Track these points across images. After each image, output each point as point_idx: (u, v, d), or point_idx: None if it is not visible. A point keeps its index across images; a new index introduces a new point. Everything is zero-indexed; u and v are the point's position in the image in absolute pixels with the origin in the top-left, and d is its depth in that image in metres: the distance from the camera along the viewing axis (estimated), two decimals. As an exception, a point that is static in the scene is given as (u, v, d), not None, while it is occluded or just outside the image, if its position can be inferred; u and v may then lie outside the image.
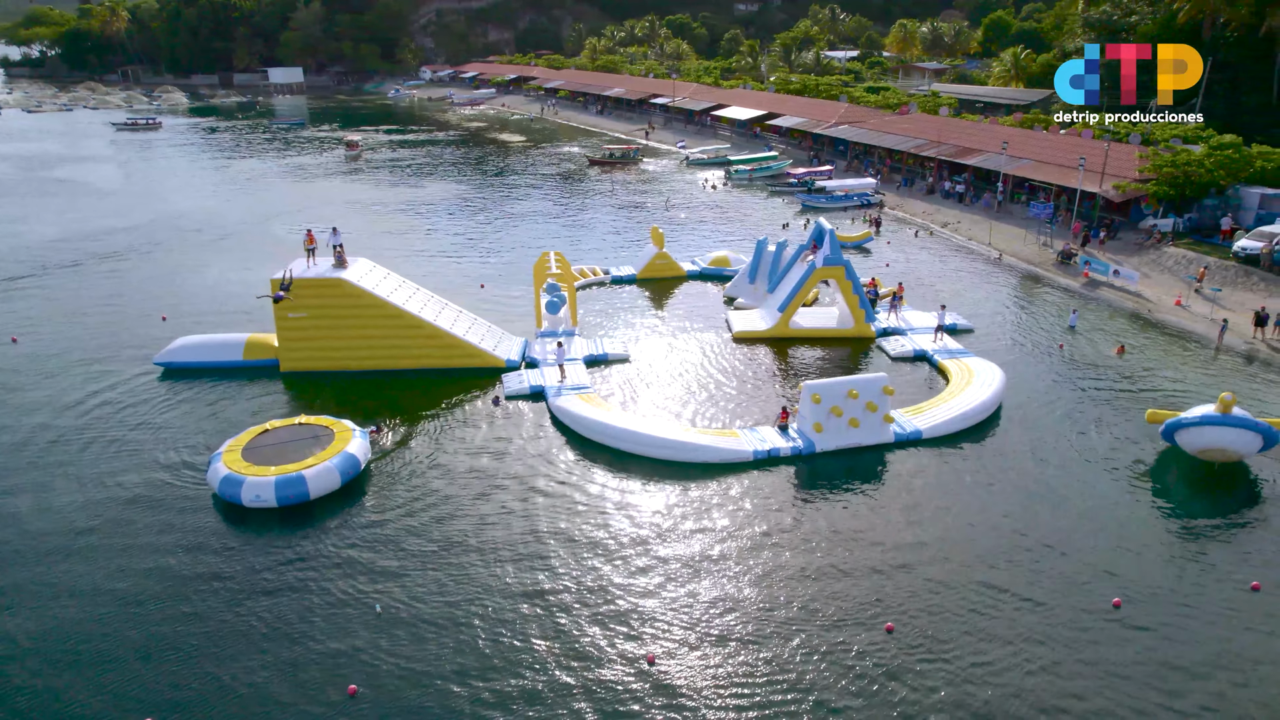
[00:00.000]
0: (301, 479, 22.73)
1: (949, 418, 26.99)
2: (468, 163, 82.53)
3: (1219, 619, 18.38)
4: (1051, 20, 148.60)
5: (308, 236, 32.01)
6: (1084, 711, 15.85)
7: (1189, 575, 19.95)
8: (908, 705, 16.04)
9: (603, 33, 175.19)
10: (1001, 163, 55.72)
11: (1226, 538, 21.60)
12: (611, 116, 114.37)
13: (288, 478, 22.66)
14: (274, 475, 22.66)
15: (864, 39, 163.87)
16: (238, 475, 22.70)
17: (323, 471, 23.04)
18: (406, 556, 20.67)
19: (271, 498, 22.42)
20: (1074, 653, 17.35)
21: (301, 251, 32.72)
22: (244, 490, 22.41)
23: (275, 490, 22.45)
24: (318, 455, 23.59)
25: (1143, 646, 17.52)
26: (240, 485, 22.48)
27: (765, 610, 18.74)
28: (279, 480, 22.57)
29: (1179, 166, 46.47)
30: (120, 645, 17.66)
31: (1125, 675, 16.71)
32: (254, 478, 22.59)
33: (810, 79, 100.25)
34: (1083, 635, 17.84)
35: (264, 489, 22.42)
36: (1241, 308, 36.86)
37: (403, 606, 18.83)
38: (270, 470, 22.88)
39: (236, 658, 17.29)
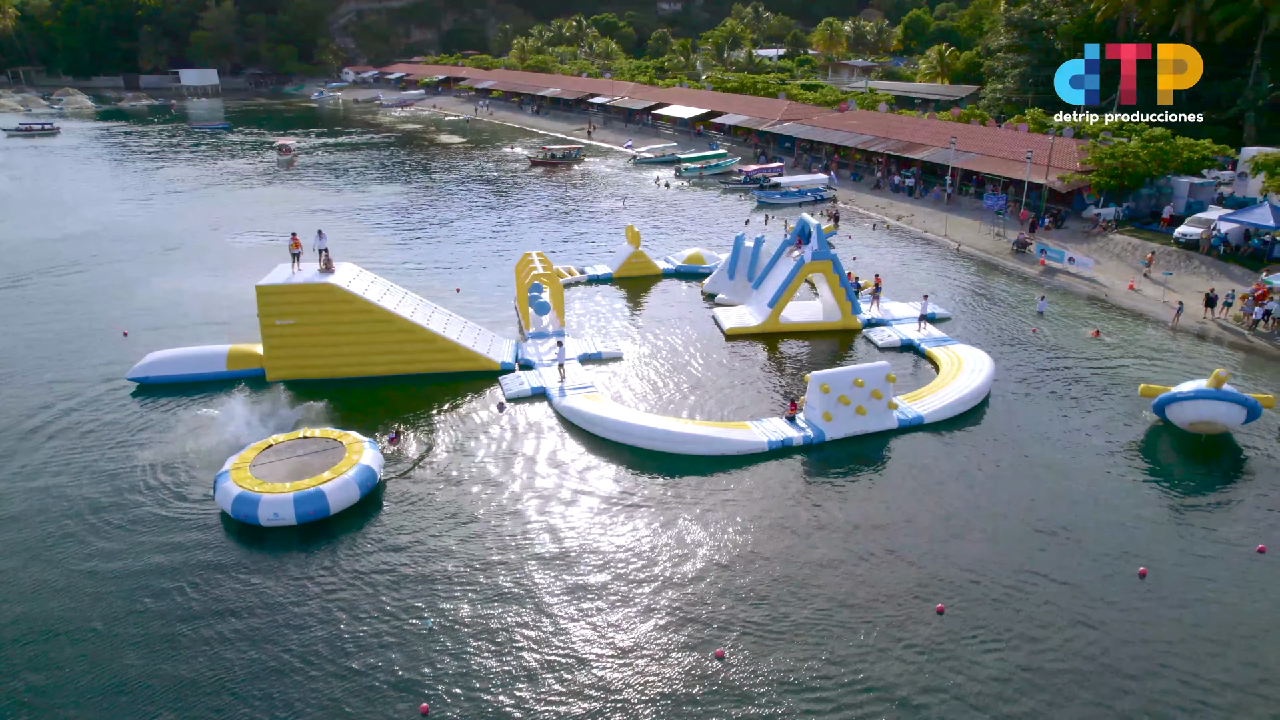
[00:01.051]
0: (321, 494, 21.92)
1: (948, 403, 27.92)
2: (411, 165, 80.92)
3: (1237, 583, 19.59)
4: (966, 20, 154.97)
5: (292, 240, 30.94)
6: (1147, 690, 16.72)
7: (1199, 544, 21.16)
8: (986, 697, 16.55)
9: (530, 32, 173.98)
10: (949, 156, 57.76)
11: (1226, 505, 23.00)
12: (549, 116, 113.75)
13: (307, 493, 21.81)
14: (291, 492, 21.79)
15: (789, 37, 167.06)
16: (251, 493, 21.71)
17: (342, 485, 22.28)
18: (441, 570, 20.11)
19: (290, 515, 21.54)
20: (1119, 631, 18.20)
21: (286, 256, 31.62)
22: (260, 509, 21.45)
23: (294, 507, 21.56)
24: (334, 469, 22.82)
25: (1174, 617, 18.56)
26: (255, 504, 21.51)
27: (811, 598, 19.07)
28: (298, 497, 21.69)
29: (1118, 158, 49.10)
30: (157, 695, 16.60)
31: (1166, 650, 17.69)
32: (270, 495, 21.63)
33: (748, 77, 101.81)
34: (1127, 615, 18.72)
35: (282, 507, 21.53)
36: (1189, 290, 39.20)
37: (452, 621, 18.42)
38: (285, 487, 22.02)
39: (294, 689, 16.58)
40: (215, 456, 24.91)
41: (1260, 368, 32.08)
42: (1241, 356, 33.30)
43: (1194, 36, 70.91)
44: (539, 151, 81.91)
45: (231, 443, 25.46)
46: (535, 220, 57.26)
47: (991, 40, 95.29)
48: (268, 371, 30.31)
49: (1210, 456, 25.43)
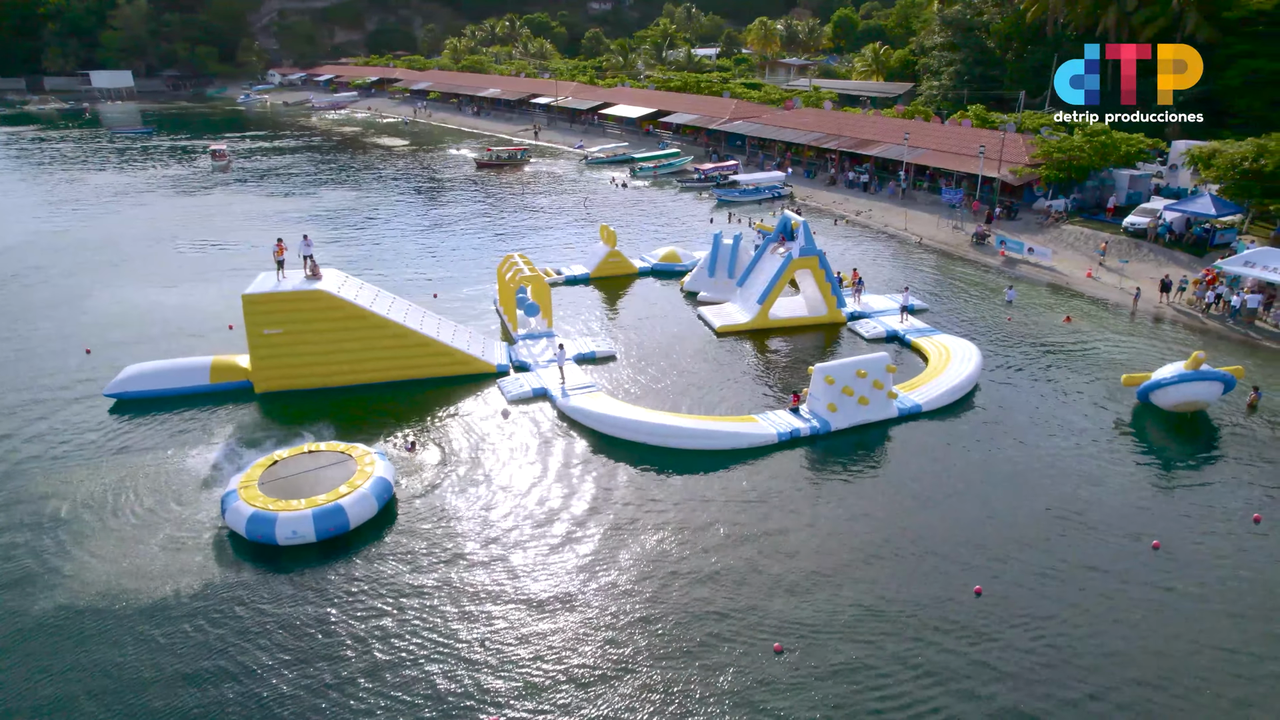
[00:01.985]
0: (340, 509, 21.21)
1: (942, 391, 28.79)
2: (357, 169, 78.99)
3: (1245, 554, 20.81)
4: (894, 19, 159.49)
5: (278, 247, 29.92)
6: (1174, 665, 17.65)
7: (1202, 519, 22.35)
8: (1051, 684, 17.19)
9: (463, 33, 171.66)
10: (903, 152, 59.41)
11: (1217, 479, 24.32)
12: (490, 117, 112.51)
13: (326, 509, 21.08)
14: (309, 508, 21.03)
15: (723, 36, 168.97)
16: (267, 512, 20.84)
17: (360, 499, 21.63)
18: (471, 581, 19.75)
19: (310, 532, 20.80)
20: (1152, 613, 19.15)
21: (271, 264, 30.57)
22: (278, 528, 20.63)
23: (314, 524, 20.82)
24: (349, 482, 22.16)
25: (1196, 593, 19.63)
26: (273, 523, 20.68)
27: (854, 584, 19.49)
28: (317, 513, 20.95)
29: (1065, 151, 51.33)
30: None
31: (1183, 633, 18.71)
32: (287, 513, 20.82)
33: (691, 76, 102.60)
34: (1148, 593, 19.71)
35: (301, 524, 20.77)
36: (1142, 276, 41.29)
37: (490, 632, 18.19)
38: (302, 503, 21.25)
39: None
40: (211, 474, 24.03)
41: (1215, 347, 33.97)
42: (1198, 338, 35.23)
43: (1117, 37, 74.82)
44: (484, 153, 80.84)
45: (227, 459, 24.61)
46: (498, 223, 56.62)
47: (926, 39, 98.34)
48: (256, 383, 29.30)
49: (1193, 434, 26.82)
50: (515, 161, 79.06)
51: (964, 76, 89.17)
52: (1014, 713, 15.80)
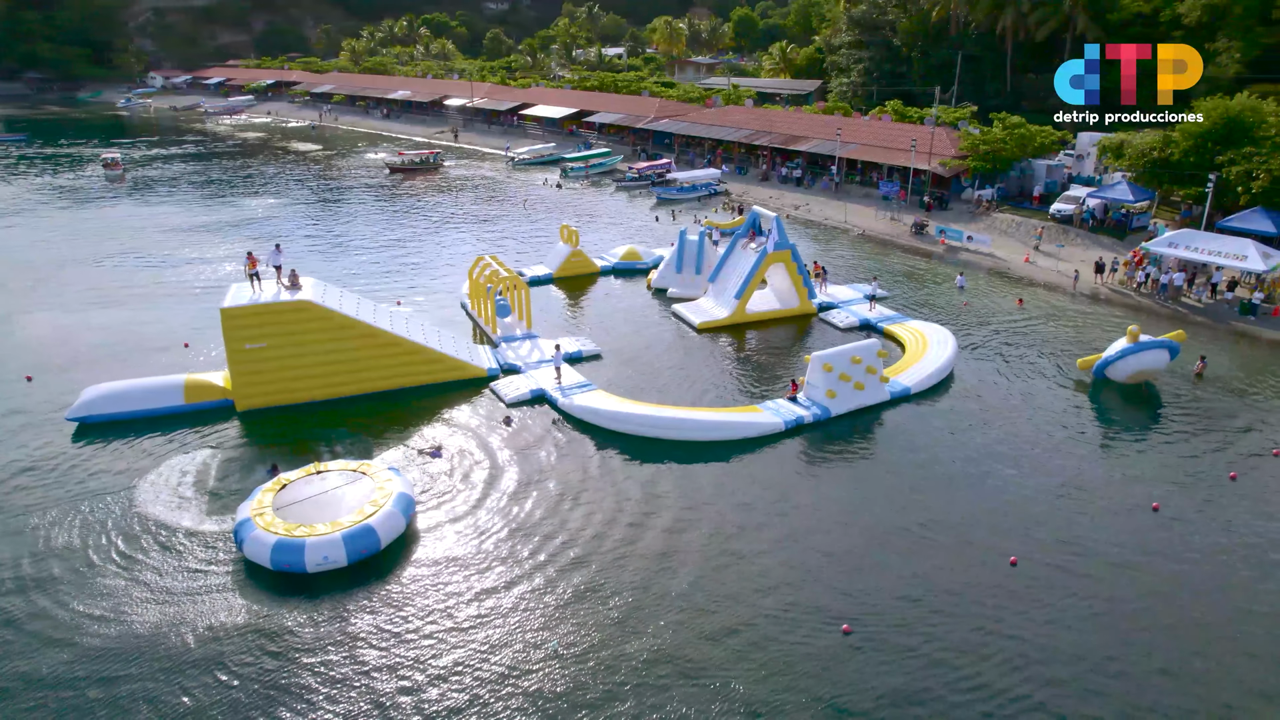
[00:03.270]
0: (371, 530, 20.33)
1: (927, 374, 30.10)
2: (273, 175, 75.58)
3: (1230, 504, 22.73)
4: (793, 18, 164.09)
5: (249, 260, 28.46)
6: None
7: (1189, 482, 24.27)
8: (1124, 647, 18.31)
9: (360, 34, 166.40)
10: (835, 147, 61.41)
11: (1187, 443, 26.39)
12: (401, 120, 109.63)
13: (356, 530, 20.14)
14: (338, 531, 20.07)
15: (628, 36, 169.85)
16: (292, 539, 19.74)
17: (388, 517, 20.80)
18: (519, 594, 19.41)
19: (342, 556, 19.82)
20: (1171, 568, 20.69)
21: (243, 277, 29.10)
22: (307, 554, 19.60)
23: (345, 547, 19.88)
24: (372, 500, 21.28)
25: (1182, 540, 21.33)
26: (300, 550, 19.61)
27: (896, 564, 20.28)
28: (347, 535, 19.99)
29: (990, 143, 54.26)
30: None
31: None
32: (316, 538, 19.81)
33: (608, 76, 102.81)
34: (1156, 559, 21.26)
35: (332, 548, 19.80)
36: (1075, 259, 44.17)
37: (601, 652, 17.96)
38: (328, 527, 20.27)
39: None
40: (205, 502, 22.70)
41: (1149, 322, 36.66)
42: (1133, 314, 37.97)
43: (1015, 36, 79.62)
44: (396, 157, 78.19)
45: (221, 485, 23.38)
46: (440, 227, 55.35)
47: (833, 37, 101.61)
48: (237, 401, 27.85)
49: (1151, 403, 28.90)
50: (429, 165, 76.75)
51: (873, 74, 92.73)
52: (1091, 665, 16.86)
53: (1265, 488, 23.48)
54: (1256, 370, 31.63)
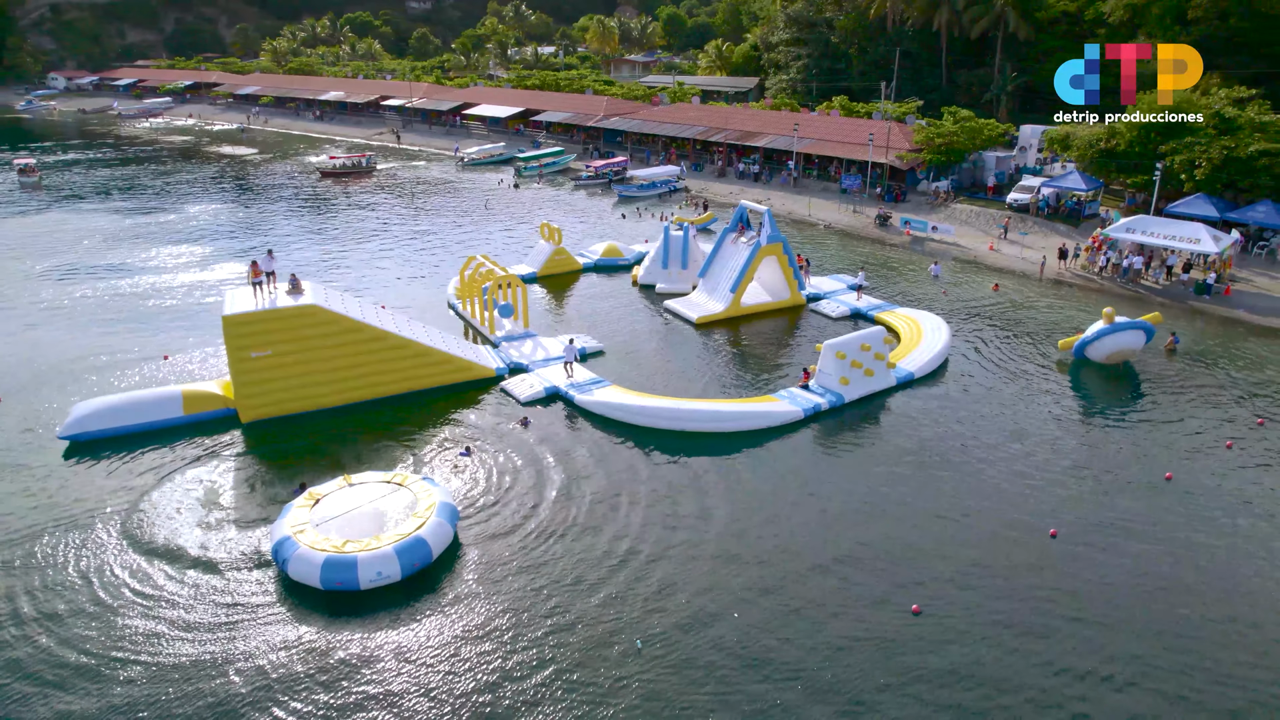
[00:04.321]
0: (423, 541, 19.69)
1: (927, 359, 31.05)
2: (210, 181, 72.47)
3: (1239, 468, 24.24)
4: (721, 16, 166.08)
5: (252, 268, 27.29)
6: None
7: (1190, 452, 25.74)
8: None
9: (281, 33, 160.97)
10: (791, 142, 62.56)
11: (1177, 416, 27.95)
12: (335, 122, 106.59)
13: (408, 543, 19.47)
14: (390, 545, 19.39)
15: (559, 34, 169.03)
16: (343, 555, 18.95)
17: (437, 527, 20.20)
18: (579, 592, 19.25)
19: (395, 571, 19.15)
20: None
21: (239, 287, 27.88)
22: (360, 571, 18.84)
23: (399, 561, 19.23)
24: (416, 511, 20.66)
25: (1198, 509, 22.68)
26: (352, 566, 18.84)
27: (935, 542, 20.95)
28: (399, 549, 19.31)
29: (944, 136, 56.17)
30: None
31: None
32: (367, 554, 19.06)
33: (550, 75, 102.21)
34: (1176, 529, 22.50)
35: (385, 563, 19.09)
36: (1036, 246, 46.16)
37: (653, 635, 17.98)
38: (378, 541, 19.57)
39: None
40: (225, 522, 21.70)
41: (1111, 304, 38.47)
42: (1099, 296, 39.97)
43: (950, 33, 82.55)
44: (326, 161, 74.55)
45: (243, 502, 22.47)
46: (403, 229, 54.09)
47: (770, 35, 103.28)
48: (242, 412, 26.74)
49: (1132, 381, 30.44)
50: (362, 169, 73.41)
51: (812, 70, 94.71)
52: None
53: (1266, 451, 25.12)
54: (1219, 345, 33.70)
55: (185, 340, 34.24)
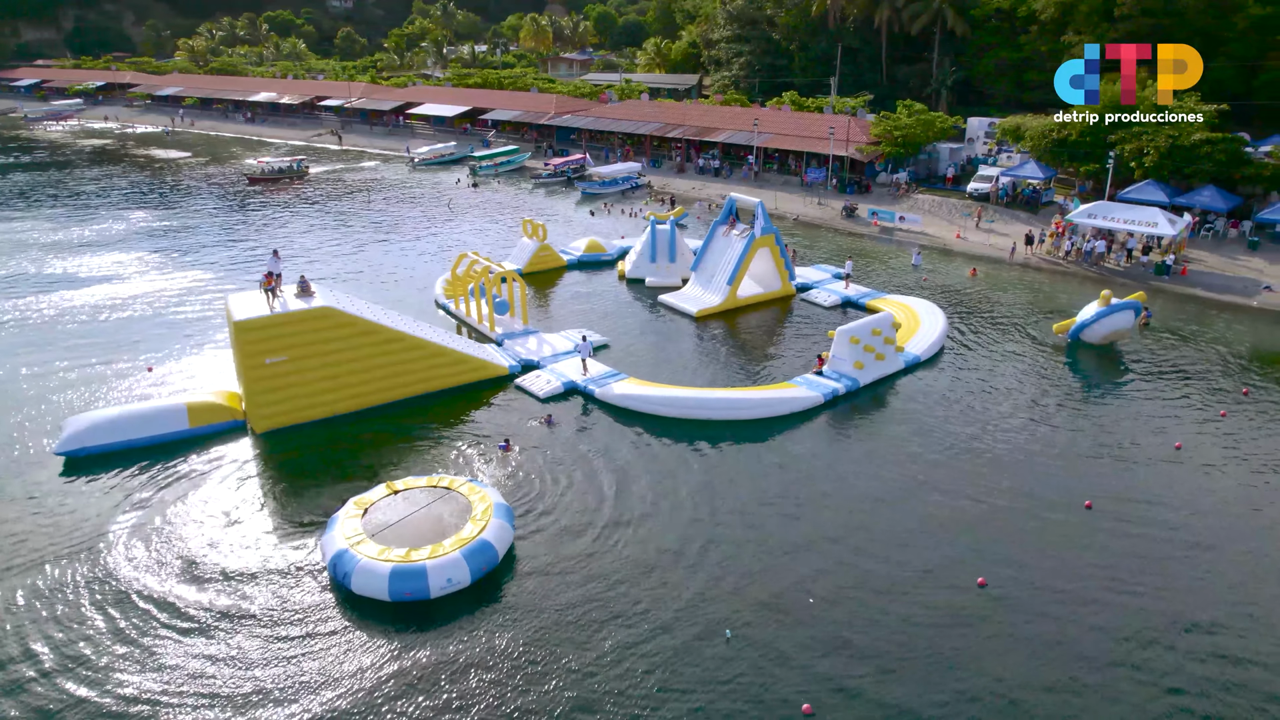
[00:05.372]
0: (488, 544, 19.26)
1: (930, 343, 31.95)
2: (149, 186, 68.93)
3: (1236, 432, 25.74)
4: (652, 14, 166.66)
5: (267, 277, 26.07)
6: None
7: (1190, 425, 27.19)
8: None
9: (197, 32, 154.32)
10: (751, 137, 63.34)
11: (1169, 389, 29.48)
12: (268, 124, 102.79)
13: (474, 547, 19.01)
14: (457, 550, 18.90)
15: (490, 34, 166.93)
16: (412, 564, 18.39)
17: (499, 529, 19.83)
18: (666, 582, 19.21)
19: (465, 576, 18.65)
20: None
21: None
22: (430, 579, 18.30)
23: (468, 565, 18.75)
24: (474, 517, 20.11)
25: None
26: (422, 575, 18.28)
27: (970, 520, 21.66)
28: (467, 552, 18.84)
29: (902, 129, 57.77)
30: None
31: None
32: (436, 560, 18.54)
33: (492, 74, 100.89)
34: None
35: (454, 569, 18.58)
36: (996, 234, 47.94)
37: (741, 628, 17.99)
38: (446, 546, 19.04)
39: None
40: (259, 540, 20.68)
41: (1078, 286, 40.62)
42: (1064, 280, 41.84)
43: (890, 29, 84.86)
44: (254, 166, 70.72)
45: (282, 519, 21.60)
46: (370, 233, 52.55)
47: (711, 32, 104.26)
48: (255, 422, 25.63)
49: (1120, 358, 31.97)
50: (294, 173, 69.86)
51: (754, 67, 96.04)
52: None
53: (1261, 415, 26.79)
54: (1185, 322, 35.66)
55: (160, 351, 32.62)
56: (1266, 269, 41.31)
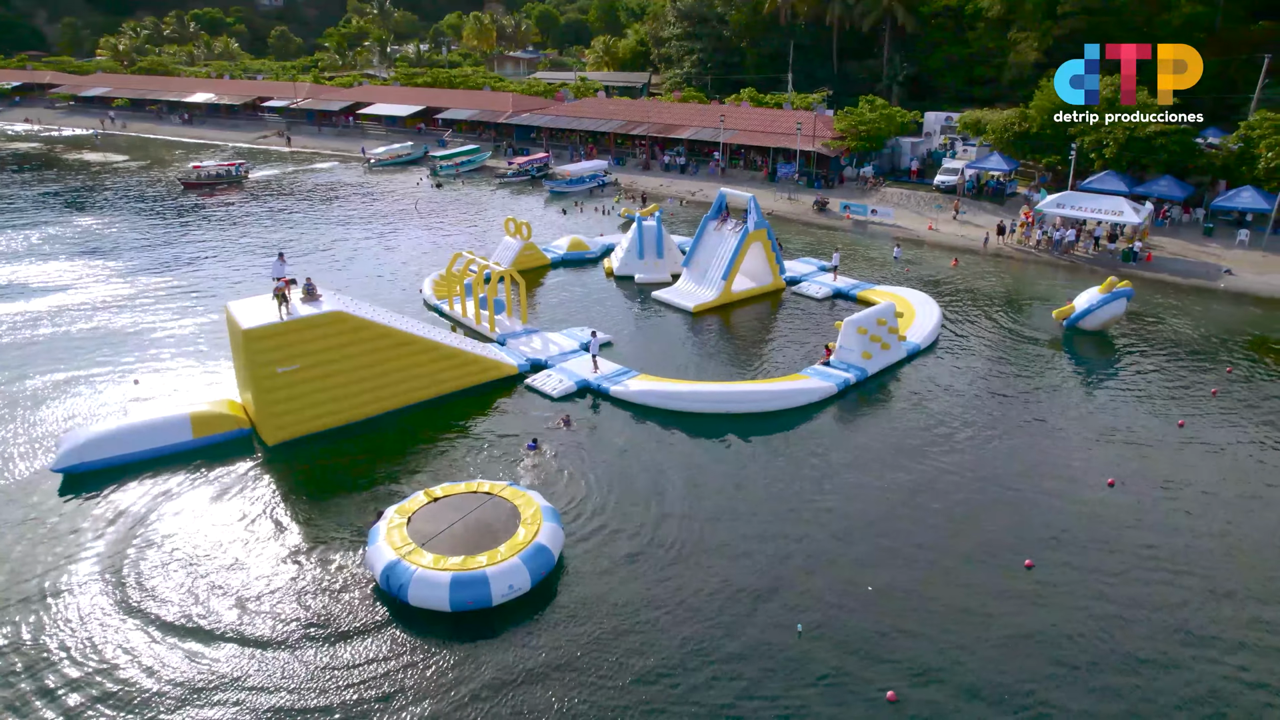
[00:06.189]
0: (544, 548, 18.87)
1: (927, 332, 32.58)
2: (87, 192, 65.67)
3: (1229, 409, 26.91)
4: (594, 14, 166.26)
5: (284, 284, 24.96)
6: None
7: (1188, 400, 28.32)
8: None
9: (120, 30, 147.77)
10: (717, 133, 63.64)
11: (1158, 368, 30.65)
12: (207, 125, 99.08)
13: (531, 550, 18.60)
14: (516, 556, 18.43)
15: (431, 33, 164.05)
16: (471, 573, 17.88)
17: (552, 532, 19.46)
18: (729, 578, 19.19)
19: (526, 581, 18.22)
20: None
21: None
22: (493, 586, 17.81)
23: (528, 570, 18.32)
24: (524, 521, 19.64)
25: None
26: (484, 582, 17.79)
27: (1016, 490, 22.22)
28: (525, 557, 18.43)
29: (867, 124, 58.79)
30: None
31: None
32: (495, 567, 18.05)
33: (442, 73, 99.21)
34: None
35: (515, 575, 18.12)
36: (967, 224, 49.21)
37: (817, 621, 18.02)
38: (503, 552, 18.54)
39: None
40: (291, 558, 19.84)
41: (1052, 273, 42.04)
42: (1037, 268, 43.19)
43: (840, 26, 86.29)
44: (190, 172, 67.01)
45: (311, 535, 20.83)
46: (341, 236, 51.04)
47: (660, 30, 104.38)
48: (268, 434, 24.61)
49: (1112, 342, 33.10)
50: (233, 178, 66.43)
51: (706, 64, 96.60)
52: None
53: (1249, 393, 28.07)
54: (1160, 306, 37.16)
55: (140, 362, 31.16)
56: (1224, 254, 43.33)
